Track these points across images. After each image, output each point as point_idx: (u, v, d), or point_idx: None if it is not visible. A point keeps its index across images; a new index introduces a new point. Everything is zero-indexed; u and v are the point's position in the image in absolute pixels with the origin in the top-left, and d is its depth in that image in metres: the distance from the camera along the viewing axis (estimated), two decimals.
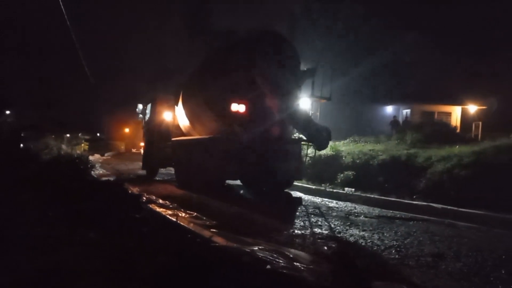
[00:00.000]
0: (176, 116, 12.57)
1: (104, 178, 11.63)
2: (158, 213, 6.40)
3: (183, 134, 12.17)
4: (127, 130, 52.71)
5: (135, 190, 9.17)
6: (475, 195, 8.87)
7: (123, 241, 4.34)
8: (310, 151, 12.15)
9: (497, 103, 21.05)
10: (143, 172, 14.96)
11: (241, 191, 11.11)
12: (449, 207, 8.71)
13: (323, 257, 4.31)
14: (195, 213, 6.64)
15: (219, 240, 4.56)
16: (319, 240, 5.35)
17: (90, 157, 20.00)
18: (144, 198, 7.63)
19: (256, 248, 4.54)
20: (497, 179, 9.09)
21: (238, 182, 11.36)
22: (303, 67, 10.22)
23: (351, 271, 3.02)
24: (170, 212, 6.59)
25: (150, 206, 6.99)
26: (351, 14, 23.34)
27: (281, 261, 4.11)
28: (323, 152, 11.30)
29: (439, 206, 8.84)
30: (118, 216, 5.57)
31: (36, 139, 17.38)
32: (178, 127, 12.48)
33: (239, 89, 9.34)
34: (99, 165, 18.90)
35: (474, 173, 9.66)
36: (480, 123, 19.75)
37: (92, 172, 13.50)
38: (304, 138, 9.65)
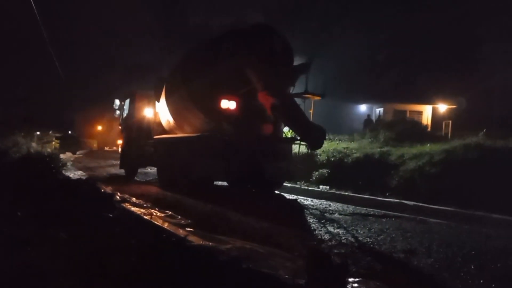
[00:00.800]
0: (158, 112, 12.02)
1: (76, 177, 11.37)
2: (132, 212, 6.30)
3: (165, 132, 11.65)
4: (99, 127, 51.75)
5: (108, 189, 8.99)
6: (445, 192, 9.12)
7: (95, 241, 4.25)
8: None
9: (465, 102, 21.65)
10: (121, 171, 14.31)
11: (222, 191, 11.06)
12: (420, 204, 8.92)
13: (298, 255, 4.34)
14: (170, 212, 6.57)
15: (194, 239, 4.53)
16: (294, 238, 5.37)
17: (61, 155, 19.52)
18: (118, 197, 7.49)
19: (231, 247, 4.54)
20: (466, 176, 9.37)
21: (222, 182, 11.17)
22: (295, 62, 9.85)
23: (326, 268, 3.04)
24: (144, 211, 6.50)
25: (124, 205, 6.87)
26: (325, 13, 23.54)
27: (256, 259, 4.11)
28: (298, 150, 11.23)
29: (411, 203, 9.04)
30: (90, 215, 5.45)
31: (4, 137, 16.79)
32: (160, 124, 11.93)
33: (229, 84, 8.88)
34: (71, 163, 18.45)
35: (444, 170, 9.92)
36: (450, 121, 20.29)
37: (64, 170, 13.17)
38: (297, 137, 9.30)
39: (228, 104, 8.80)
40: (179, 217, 6.30)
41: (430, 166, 10.35)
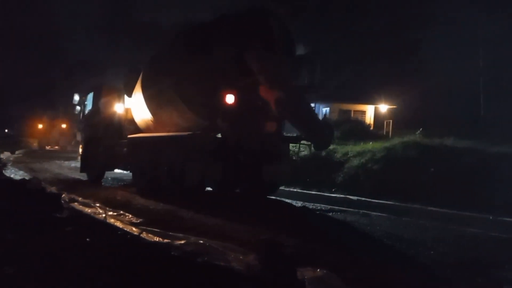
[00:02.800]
0: (130, 108, 10.77)
1: (18, 178, 10.90)
2: (82, 211, 6.22)
3: (139, 130, 10.45)
4: (40, 126, 49.38)
5: (53, 188, 8.74)
6: (386, 187, 9.70)
7: (46, 241, 4.21)
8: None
9: (405, 102, 22.81)
10: (82, 175, 12.60)
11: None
12: (363, 198, 9.43)
13: (250, 248, 4.52)
14: (121, 211, 6.55)
15: (148, 237, 4.59)
16: (246, 233, 5.55)
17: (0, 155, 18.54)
18: (66, 198, 7.34)
19: (186, 243, 4.64)
20: (405, 171, 10.01)
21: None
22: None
23: (279, 259, 3.24)
24: (94, 210, 6.44)
25: (73, 205, 6.75)
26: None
27: (210, 253, 4.26)
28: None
29: (355, 198, 9.54)
30: (38, 216, 5.34)
31: None
32: (132, 121, 10.72)
33: (225, 76, 7.77)
34: (11, 163, 17.58)
35: (385, 166, 10.53)
36: (391, 121, 21.33)
37: (4, 171, 12.57)
38: (299, 136, 8.58)
39: (225, 98, 7.66)
40: (131, 216, 6.30)
41: (373, 163, 10.95)
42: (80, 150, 13.36)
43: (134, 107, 10.43)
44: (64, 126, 45.65)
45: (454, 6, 14.51)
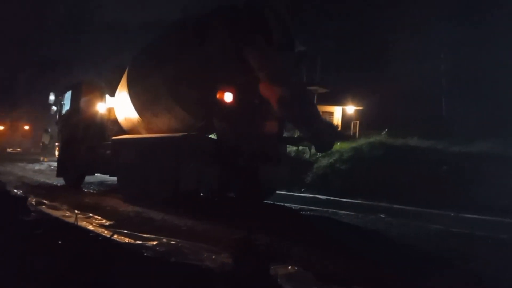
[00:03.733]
0: (114, 107, 10.04)
1: None
2: (50, 215, 6.11)
3: (123, 131, 9.79)
4: (1, 128, 47.58)
5: (19, 192, 8.51)
6: (354, 186, 9.96)
7: (13, 244, 4.13)
8: None
9: (371, 103, 23.35)
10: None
11: None
12: (332, 197, 9.64)
13: (223, 247, 4.58)
14: (91, 214, 6.47)
15: (120, 238, 4.58)
16: (219, 233, 5.61)
17: None
18: (33, 201, 7.17)
19: (158, 243, 4.66)
20: (371, 171, 10.31)
21: None
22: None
23: (251, 256, 3.32)
24: (63, 213, 6.33)
25: (40, 208, 6.61)
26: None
27: (183, 254, 4.29)
28: None
29: (324, 197, 9.74)
30: (2, 219, 5.21)
31: None
32: (115, 122, 10.01)
33: (222, 72, 7.26)
34: None
35: (353, 166, 10.81)
36: (358, 122, 21.80)
37: None
38: (300, 136, 8.20)
39: (223, 96, 7.13)
40: (101, 218, 6.24)
41: (341, 163, 11.21)
42: (57, 153, 12.42)
43: (118, 106, 9.77)
44: (27, 128, 44.19)
45: (418, 9, 15.01)
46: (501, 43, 11.83)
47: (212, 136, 8.20)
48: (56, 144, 12.97)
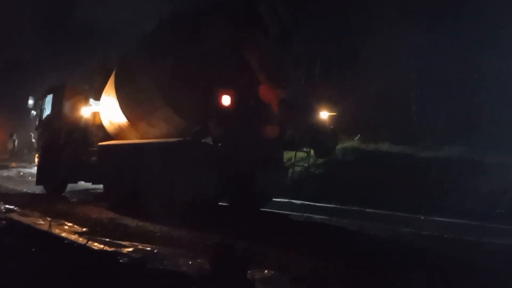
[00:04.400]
0: (99, 112, 9.58)
1: None
2: (21, 222, 5.97)
3: (108, 137, 9.24)
4: None
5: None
6: (328, 191, 10.12)
7: None
8: None
9: (345, 109, 23.69)
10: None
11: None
12: (306, 202, 9.75)
13: (199, 253, 4.61)
14: (64, 221, 6.38)
15: (95, 245, 4.54)
16: (195, 238, 5.62)
17: None
18: (2, 208, 6.99)
19: (133, 250, 4.65)
20: (344, 175, 10.50)
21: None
22: None
23: (228, 261, 3.35)
24: (35, 220, 6.21)
25: (10, 215, 6.46)
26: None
27: (159, 259, 4.30)
28: None
29: (299, 202, 9.83)
30: None
31: None
32: (101, 127, 9.52)
33: (220, 73, 6.79)
34: None
35: (327, 171, 10.98)
36: (332, 127, 22.06)
37: None
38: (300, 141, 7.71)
39: (220, 99, 6.64)
40: (74, 225, 6.15)
41: (315, 168, 11.35)
42: (36, 160, 11.83)
43: (104, 110, 9.28)
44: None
45: (388, 15, 15.37)
46: (470, 49, 12.26)
47: (207, 141, 7.69)
48: (36, 150, 12.22)
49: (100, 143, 9.04)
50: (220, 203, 8.37)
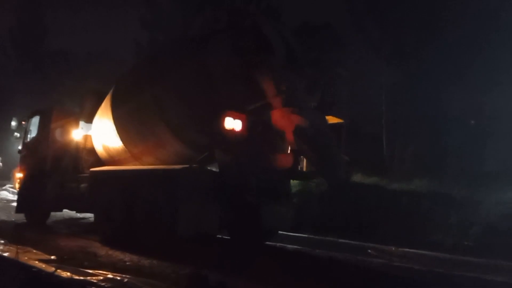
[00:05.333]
0: (91, 135, 9.09)
1: None
2: None
3: (99, 162, 8.70)
4: None
5: None
6: (301, 221, 10.17)
7: None
8: None
9: None
10: (19, 216, 10.13)
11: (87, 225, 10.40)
12: (280, 232, 9.75)
13: (172, 283, 4.54)
14: (32, 249, 6.15)
15: (63, 274, 4.41)
16: (167, 268, 5.54)
17: None
18: None
19: (103, 279, 4.53)
20: (318, 206, 10.62)
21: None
22: None
23: None
24: (1, 248, 5.98)
25: None
26: None
27: None
28: None
29: None
30: None
31: None
32: (92, 151, 9.01)
33: (229, 96, 6.36)
34: None
35: (301, 201, 11.04)
36: (305, 159, 22.29)
37: None
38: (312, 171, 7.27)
39: (230, 125, 6.10)
40: (43, 253, 5.96)
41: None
42: (17, 185, 11.03)
43: (97, 134, 8.76)
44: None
45: (358, 50, 15.91)
46: (437, 86, 12.77)
47: (211, 168, 7.22)
48: (19, 175, 11.24)
49: (92, 169, 8.35)
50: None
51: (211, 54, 6.60)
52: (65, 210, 10.03)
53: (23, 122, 11.10)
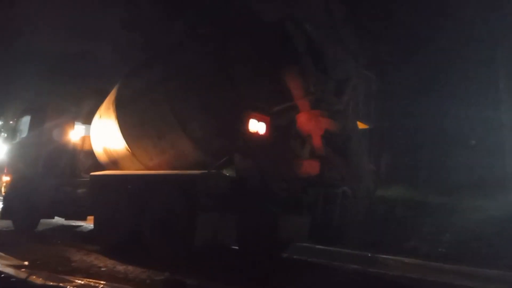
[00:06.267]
0: (89, 136, 8.51)
1: None
2: None
3: (99, 166, 8.13)
4: None
5: None
6: None
7: None
8: None
9: None
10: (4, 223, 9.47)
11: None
12: None
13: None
14: (2, 253, 5.98)
15: (36, 279, 4.30)
16: (142, 273, 5.48)
17: None
18: None
19: (77, 285, 4.44)
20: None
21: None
22: None
23: None
24: None
25: None
26: None
27: None
28: None
29: None
30: None
31: None
32: (90, 154, 8.46)
33: (253, 97, 5.85)
34: None
35: None
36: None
37: None
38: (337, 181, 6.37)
39: (253, 127, 5.63)
40: (13, 258, 5.80)
41: None
42: (3, 189, 10.19)
43: (97, 135, 8.12)
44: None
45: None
46: (412, 95, 13.01)
47: (228, 173, 6.84)
48: (6, 178, 10.29)
49: (93, 173, 7.65)
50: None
51: (231, 52, 6.06)
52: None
53: (11, 122, 10.33)
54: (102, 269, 5.80)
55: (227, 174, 6.59)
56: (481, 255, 7.61)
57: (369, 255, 8.24)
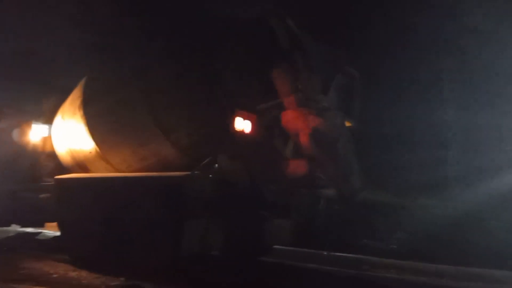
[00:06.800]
0: (51, 137, 7.98)
1: None
2: None
3: (62, 168, 7.50)
4: None
5: None
6: None
7: None
8: None
9: None
10: None
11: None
12: None
13: None
14: None
15: None
16: (96, 279, 5.35)
17: None
18: None
19: None
20: None
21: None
22: None
23: None
24: None
25: None
26: None
27: None
28: None
29: None
30: None
31: None
32: (52, 156, 7.91)
33: (236, 94, 5.58)
34: None
35: None
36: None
37: None
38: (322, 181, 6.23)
39: (238, 126, 5.39)
40: None
41: None
42: None
43: (60, 135, 7.56)
44: None
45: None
46: (391, 100, 13.22)
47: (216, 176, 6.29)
48: None
49: (58, 177, 6.97)
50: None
51: (216, 46, 5.72)
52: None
53: None
54: (54, 275, 5.62)
55: (213, 176, 5.84)
56: (430, 250, 7.94)
57: (325, 253, 8.38)
